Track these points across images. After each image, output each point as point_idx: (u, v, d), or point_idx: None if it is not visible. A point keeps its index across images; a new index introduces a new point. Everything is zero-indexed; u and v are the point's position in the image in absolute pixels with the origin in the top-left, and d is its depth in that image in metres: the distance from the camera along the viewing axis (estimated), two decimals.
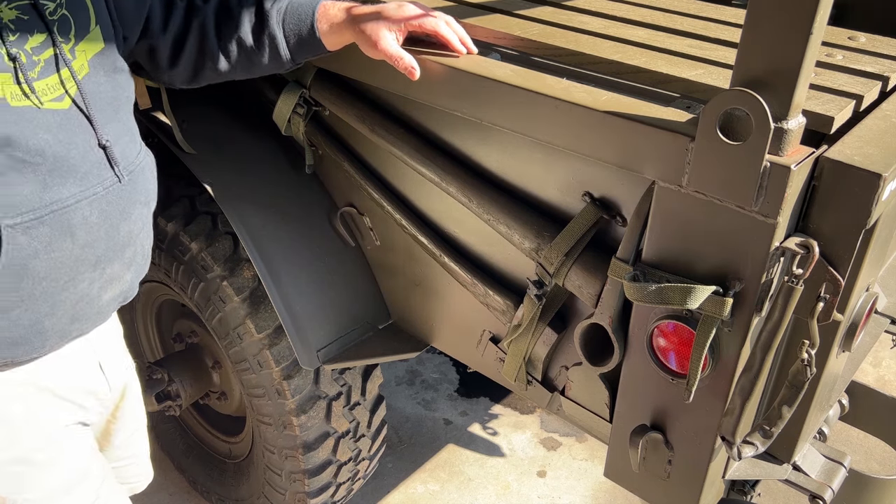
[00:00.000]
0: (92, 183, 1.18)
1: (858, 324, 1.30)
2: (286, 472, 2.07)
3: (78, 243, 1.18)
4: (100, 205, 1.20)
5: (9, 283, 1.12)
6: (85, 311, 1.26)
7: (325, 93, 1.62)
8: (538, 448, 2.87)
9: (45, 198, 1.12)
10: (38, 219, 1.12)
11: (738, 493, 1.54)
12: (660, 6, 1.68)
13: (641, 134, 1.11)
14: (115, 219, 1.23)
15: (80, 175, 1.16)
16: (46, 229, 1.13)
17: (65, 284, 1.19)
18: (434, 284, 1.69)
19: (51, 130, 1.12)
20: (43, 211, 1.12)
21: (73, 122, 1.15)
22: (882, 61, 1.37)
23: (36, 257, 1.13)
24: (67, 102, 1.15)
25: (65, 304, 1.21)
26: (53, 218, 1.13)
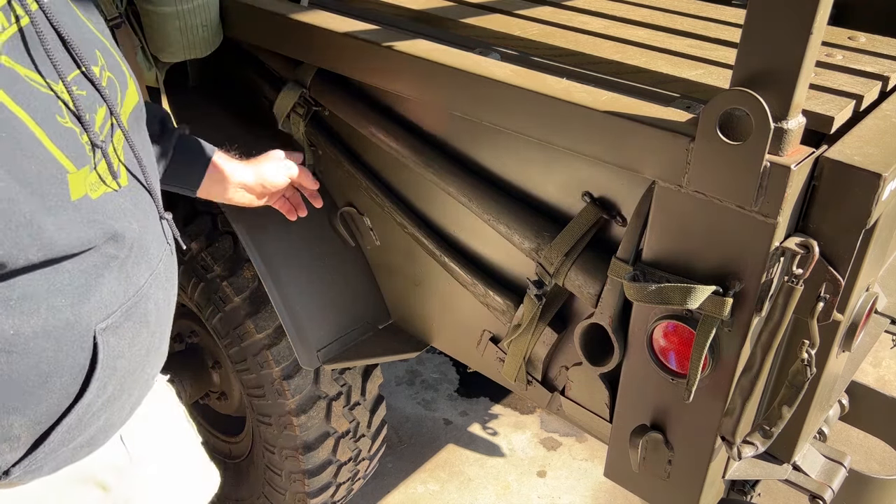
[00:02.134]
0: (155, 260, 1.07)
1: (858, 324, 1.30)
2: (286, 472, 2.07)
3: (150, 330, 1.07)
4: (160, 282, 1.09)
5: (98, 390, 0.99)
6: (142, 393, 1.14)
7: (325, 93, 1.62)
8: (538, 448, 2.87)
9: (129, 290, 1.00)
10: (124, 314, 1.00)
11: (738, 493, 1.54)
12: (660, 6, 1.68)
13: (641, 134, 1.11)
14: (170, 290, 1.14)
15: (150, 254, 1.05)
16: (130, 324, 1.01)
17: (137, 376, 1.08)
18: (434, 284, 1.69)
19: (134, 215, 1.00)
20: (127, 305, 1.00)
21: (139, 197, 1.04)
22: (882, 61, 1.37)
23: (122, 356, 1.01)
24: (125, 177, 1.01)
25: (133, 394, 1.10)
26: (134, 310, 1.02)
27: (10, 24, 0.84)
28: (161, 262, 1.09)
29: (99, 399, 1.00)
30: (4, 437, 0.93)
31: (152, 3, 1.51)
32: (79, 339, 0.94)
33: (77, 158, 0.88)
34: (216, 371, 2.19)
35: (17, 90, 0.83)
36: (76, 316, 0.93)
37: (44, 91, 0.86)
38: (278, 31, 1.58)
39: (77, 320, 0.93)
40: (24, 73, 0.85)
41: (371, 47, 1.41)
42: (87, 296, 0.93)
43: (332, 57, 1.50)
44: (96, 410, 1.01)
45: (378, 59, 1.41)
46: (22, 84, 0.84)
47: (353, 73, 1.50)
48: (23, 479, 1.01)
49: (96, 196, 0.93)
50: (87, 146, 0.91)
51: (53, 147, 0.85)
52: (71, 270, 0.91)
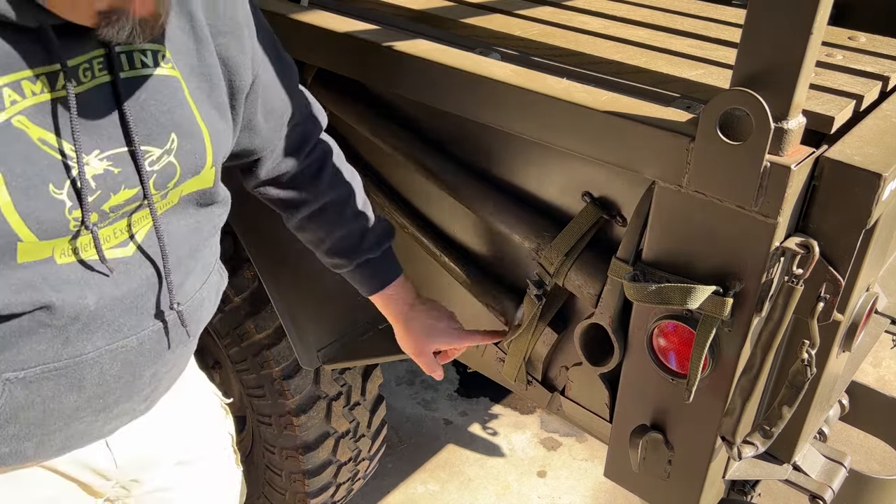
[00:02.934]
0: (124, 335, 1.00)
1: (858, 324, 1.30)
2: (286, 472, 2.07)
3: (84, 396, 1.01)
4: (126, 356, 1.02)
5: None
6: (79, 442, 1.09)
7: (326, 93, 1.62)
8: (538, 448, 2.87)
9: (62, 353, 0.95)
10: (45, 374, 0.95)
11: (738, 493, 1.54)
12: (660, 6, 1.68)
13: (641, 134, 1.11)
14: (142, 367, 1.06)
15: (114, 328, 0.99)
16: (51, 384, 0.96)
17: (59, 428, 1.03)
18: (434, 284, 1.69)
19: (101, 289, 0.95)
20: (55, 366, 0.95)
21: (132, 276, 0.99)
22: (882, 61, 1.37)
23: (30, 408, 0.97)
24: (132, 248, 0.98)
25: (54, 441, 1.04)
26: (64, 373, 0.97)
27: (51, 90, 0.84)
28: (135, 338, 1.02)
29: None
30: None
31: None
32: None
33: (46, 230, 0.86)
34: (216, 371, 2.19)
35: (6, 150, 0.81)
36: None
37: (52, 155, 0.85)
38: (278, 31, 1.57)
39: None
40: (38, 136, 0.84)
41: (371, 47, 1.41)
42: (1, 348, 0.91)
43: (332, 57, 1.50)
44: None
45: (378, 59, 1.41)
46: (21, 145, 0.83)
47: (353, 73, 1.50)
48: None
49: (63, 262, 0.90)
50: (74, 221, 0.88)
51: (13, 214, 0.83)
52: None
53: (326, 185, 1.32)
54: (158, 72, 0.94)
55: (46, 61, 0.83)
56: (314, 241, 1.37)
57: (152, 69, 0.93)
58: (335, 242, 1.34)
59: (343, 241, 1.34)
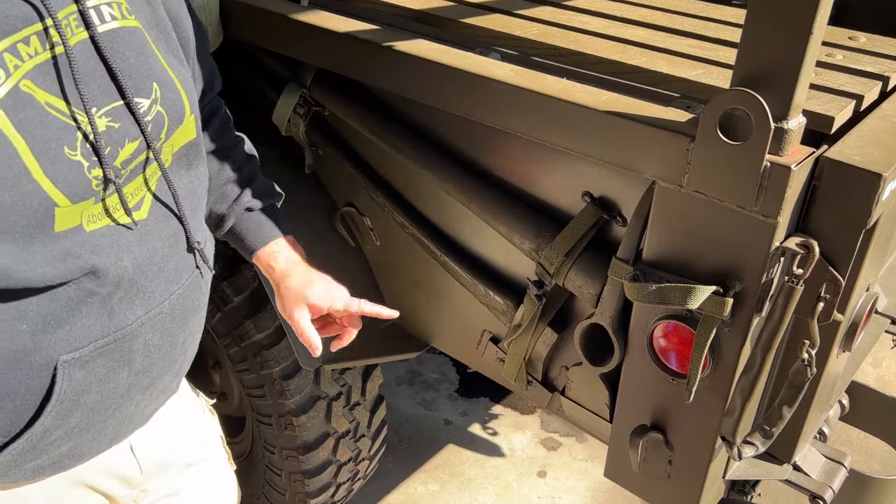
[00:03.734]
0: (158, 301, 1.03)
1: (858, 324, 1.30)
2: (286, 473, 2.07)
3: (134, 369, 1.03)
4: (162, 323, 1.05)
5: (56, 420, 0.97)
6: (127, 428, 1.12)
7: (325, 93, 1.62)
8: (538, 448, 2.87)
9: (109, 327, 0.97)
10: (99, 350, 0.97)
11: (738, 493, 1.54)
12: (660, 6, 1.68)
13: (641, 134, 1.11)
14: (175, 334, 1.09)
15: (149, 294, 1.01)
16: (105, 360, 0.98)
17: (113, 412, 1.05)
18: (434, 284, 1.69)
19: (132, 251, 0.96)
20: (105, 341, 0.97)
21: (152, 235, 1.00)
22: (882, 61, 1.37)
23: (89, 391, 0.98)
24: (145, 211, 0.99)
25: (108, 429, 1.07)
26: (114, 347, 0.98)
27: (44, 50, 0.84)
28: (167, 303, 1.05)
29: (59, 428, 0.98)
30: None
31: None
32: (37, 367, 0.92)
33: (76, 192, 0.87)
34: (216, 371, 2.19)
35: (23, 116, 0.82)
36: (36, 343, 0.91)
37: (61, 119, 0.85)
38: (278, 31, 1.58)
39: (36, 348, 0.91)
40: (45, 100, 0.84)
41: (371, 47, 1.41)
42: (53, 325, 0.91)
43: (332, 57, 1.50)
44: (56, 439, 0.99)
45: (378, 59, 1.41)
46: (34, 110, 0.83)
47: (353, 73, 1.50)
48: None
49: (92, 228, 0.91)
50: (96, 180, 0.89)
51: (44, 179, 0.83)
52: (38, 302, 0.89)
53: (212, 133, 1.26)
54: (125, 23, 0.94)
55: (33, 19, 0.83)
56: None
57: (119, 21, 0.94)
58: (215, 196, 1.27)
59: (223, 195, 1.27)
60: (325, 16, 1.53)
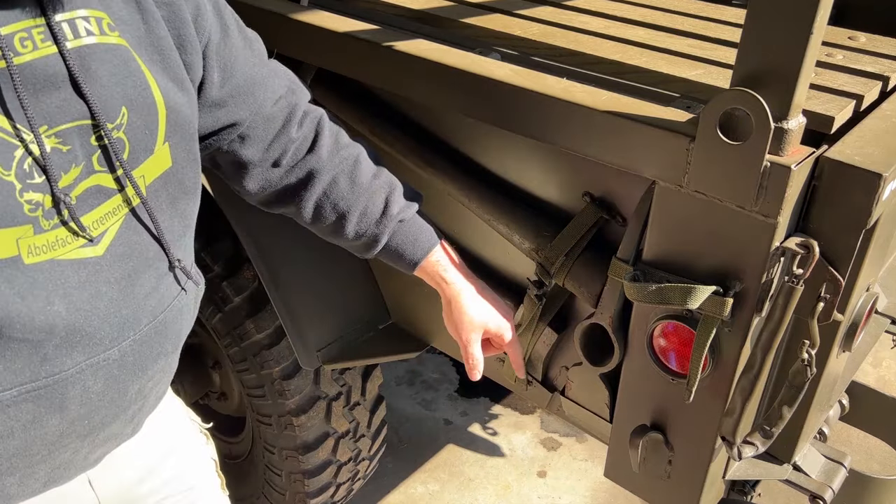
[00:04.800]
0: (105, 348, 0.93)
1: (859, 324, 1.30)
2: (286, 473, 2.07)
3: (68, 418, 0.93)
4: (108, 370, 0.95)
5: None
6: (65, 474, 1.02)
7: (326, 93, 1.62)
8: (538, 448, 2.87)
9: (40, 372, 0.88)
10: (22, 395, 0.87)
11: (738, 493, 1.54)
12: (660, 6, 1.68)
13: (641, 134, 1.11)
14: (126, 382, 0.99)
15: (94, 341, 0.92)
16: (30, 406, 0.89)
17: (43, 458, 0.95)
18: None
19: (68, 296, 0.87)
20: (33, 386, 0.88)
21: (102, 276, 0.91)
22: (882, 61, 1.37)
23: (10, 437, 0.89)
24: (102, 248, 0.90)
25: (39, 474, 0.97)
26: (42, 393, 0.89)
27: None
28: (116, 350, 0.95)
29: None
30: None
31: None
32: None
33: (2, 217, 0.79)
34: (216, 371, 2.19)
35: None
36: None
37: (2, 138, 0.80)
38: (278, 31, 1.58)
39: None
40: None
41: (371, 47, 1.41)
42: None
43: (332, 57, 1.50)
44: None
45: (378, 59, 1.41)
46: None
47: (353, 73, 1.50)
48: None
49: (31, 262, 0.83)
50: (29, 205, 0.82)
51: None
52: None
53: (328, 151, 1.18)
54: (105, 40, 0.88)
55: None
56: (336, 225, 1.20)
57: (97, 37, 0.87)
58: (358, 216, 1.18)
59: (367, 212, 1.19)
60: (325, 16, 1.53)
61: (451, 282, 1.24)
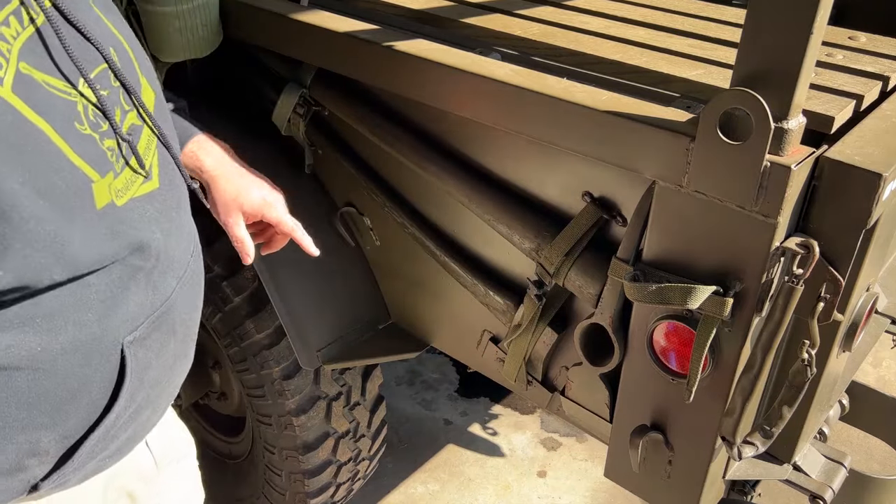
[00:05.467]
0: (182, 267, 1.03)
1: (859, 324, 1.30)
2: (286, 473, 2.07)
3: (178, 339, 1.05)
4: (186, 290, 1.05)
5: (127, 402, 0.97)
6: (168, 401, 1.12)
7: (325, 93, 1.62)
8: (538, 448, 2.87)
9: (155, 301, 0.97)
10: (151, 325, 0.97)
11: (738, 493, 1.54)
12: (660, 6, 1.68)
13: (641, 134, 1.11)
14: (196, 297, 1.10)
15: (177, 262, 1.01)
16: (158, 335, 0.99)
17: (165, 385, 1.06)
18: (434, 284, 1.69)
19: (158, 222, 0.95)
20: (155, 315, 0.97)
21: (167, 202, 0.99)
22: (882, 61, 1.37)
23: (150, 367, 0.99)
24: (156, 180, 0.97)
25: (162, 403, 1.08)
26: (162, 320, 0.99)
27: (23, 27, 0.80)
28: (188, 269, 1.05)
29: (127, 411, 0.98)
30: (33, 452, 0.91)
31: (152, 2, 1.51)
32: (106, 353, 0.92)
33: (99, 166, 0.85)
34: (216, 371, 2.19)
35: (37, 99, 0.79)
36: (103, 330, 0.90)
37: (62, 97, 0.83)
38: (278, 31, 1.58)
39: (104, 334, 0.91)
40: (42, 79, 0.81)
41: (371, 47, 1.41)
42: (113, 309, 0.91)
43: (332, 57, 1.50)
44: (123, 423, 0.99)
45: (378, 59, 1.41)
46: (41, 91, 0.80)
47: (353, 73, 1.50)
48: (50, 494, 1.00)
49: (122, 202, 0.89)
50: (109, 152, 0.87)
51: (76, 157, 0.82)
52: (97, 284, 0.88)
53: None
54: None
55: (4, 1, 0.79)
56: None
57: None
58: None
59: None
60: (325, 16, 1.53)
61: (207, 169, 1.26)
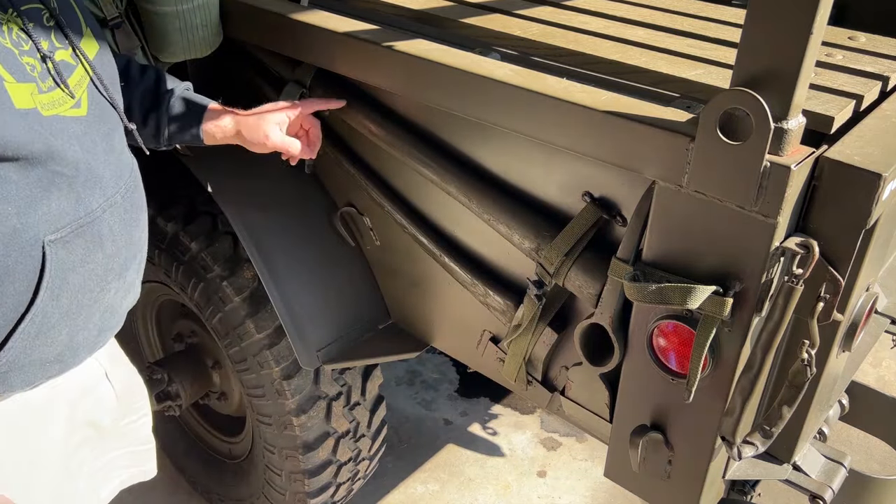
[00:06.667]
0: (112, 191, 1.17)
1: (858, 324, 1.30)
2: (286, 472, 2.07)
3: (106, 253, 1.17)
4: (119, 213, 1.19)
5: (51, 299, 1.09)
6: (109, 320, 1.25)
7: (326, 93, 1.61)
8: (538, 448, 2.87)
9: (79, 210, 1.11)
10: (74, 231, 1.10)
11: (738, 493, 1.54)
12: (660, 6, 1.68)
13: (641, 134, 1.11)
14: (131, 226, 1.23)
15: (104, 183, 1.15)
16: (81, 241, 1.12)
17: (97, 296, 1.18)
18: (434, 284, 1.69)
19: (80, 140, 1.10)
20: (78, 223, 1.11)
21: (93, 130, 1.14)
22: (882, 61, 1.37)
23: (73, 270, 1.12)
24: (84, 109, 1.13)
25: (94, 315, 1.20)
26: (87, 230, 1.12)
27: None
28: (119, 195, 1.18)
29: (55, 310, 1.10)
30: None
31: (152, 3, 1.51)
32: (27, 247, 1.04)
33: (16, 73, 1.00)
34: (216, 371, 2.19)
35: None
36: (23, 224, 1.03)
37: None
38: (278, 31, 1.58)
39: (24, 229, 1.03)
40: None
41: (371, 47, 1.41)
42: (34, 206, 1.03)
43: (332, 57, 1.50)
44: (55, 323, 1.11)
45: (378, 59, 1.41)
46: None
47: (353, 73, 1.50)
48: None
49: (47, 114, 1.04)
50: (29, 66, 1.02)
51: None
52: (17, 181, 1.00)
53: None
54: None
55: None
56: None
57: None
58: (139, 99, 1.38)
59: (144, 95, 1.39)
60: (325, 16, 1.53)
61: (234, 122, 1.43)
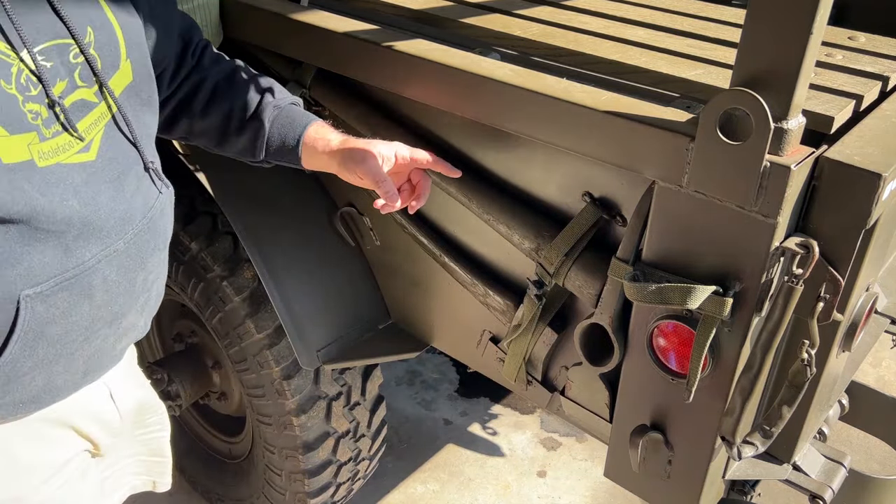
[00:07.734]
0: (113, 240, 1.10)
1: (858, 324, 1.30)
2: (286, 472, 2.07)
3: (95, 304, 1.10)
4: (119, 260, 1.12)
5: (23, 351, 1.04)
6: (98, 363, 1.19)
7: (325, 93, 1.62)
8: (538, 448, 2.87)
9: (66, 263, 1.04)
10: (59, 285, 1.04)
11: (738, 493, 1.54)
12: (660, 6, 1.68)
13: (641, 134, 1.11)
14: (134, 271, 1.16)
15: (104, 233, 1.08)
16: (65, 294, 1.05)
17: (80, 344, 1.12)
18: (434, 284, 1.69)
19: (78, 193, 1.03)
20: (63, 277, 1.04)
21: (99, 177, 1.06)
22: (882, 61, 1.37)
23: (53, 323, 1.06)
24: (94, 153, 1.05)
25: (77, 362, 1.13)
26: (74, 282, 1.06)
27: None
28: (123, 241, 1.11)
29: (27, 359, 1.05)
30: None
31: None
32: (1, 302, 1.00)
33: (10, 123, 0.94)
34: (216, 371, 2.19)
35: None
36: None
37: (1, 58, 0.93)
38: (278, 31, 1.58)
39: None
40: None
41: (371, 47, 1.41)
42: (11, 263, 0.99)
43: (332, 57, 1.50)
44: (28, 370, 1.06)
45: (378, 59, 1.41)
46: None
47: (353, 73, 1.50)
48: None
49: (45, 164, 0.98)
50: (31, 114, 0.96)
51: None
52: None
53: (209, 62, 1.35)
54: None
55: None
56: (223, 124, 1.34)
57: None
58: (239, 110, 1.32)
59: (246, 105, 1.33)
60: (325, 16, 1.53)
61: (335, 140, 1.32)
